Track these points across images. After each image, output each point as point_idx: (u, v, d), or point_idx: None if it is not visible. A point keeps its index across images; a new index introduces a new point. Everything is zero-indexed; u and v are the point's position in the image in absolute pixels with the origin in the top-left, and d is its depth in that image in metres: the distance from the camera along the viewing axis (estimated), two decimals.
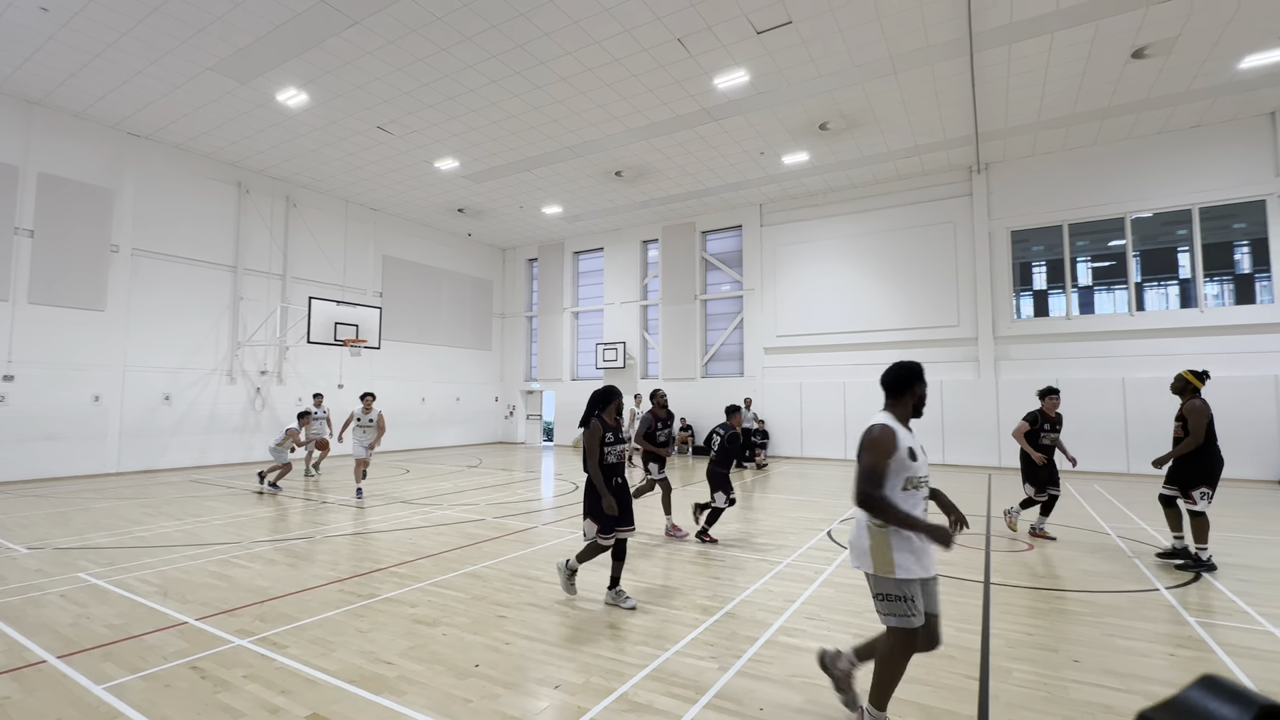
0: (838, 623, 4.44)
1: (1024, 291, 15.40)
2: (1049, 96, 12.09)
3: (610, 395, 4.81)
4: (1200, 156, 13.35)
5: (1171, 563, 6.07)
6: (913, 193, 16.37)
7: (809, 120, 13.10)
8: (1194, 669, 3.67)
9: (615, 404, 4.81)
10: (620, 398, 4.85)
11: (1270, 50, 10.48)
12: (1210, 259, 13.49)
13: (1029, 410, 7.59)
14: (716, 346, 19.45)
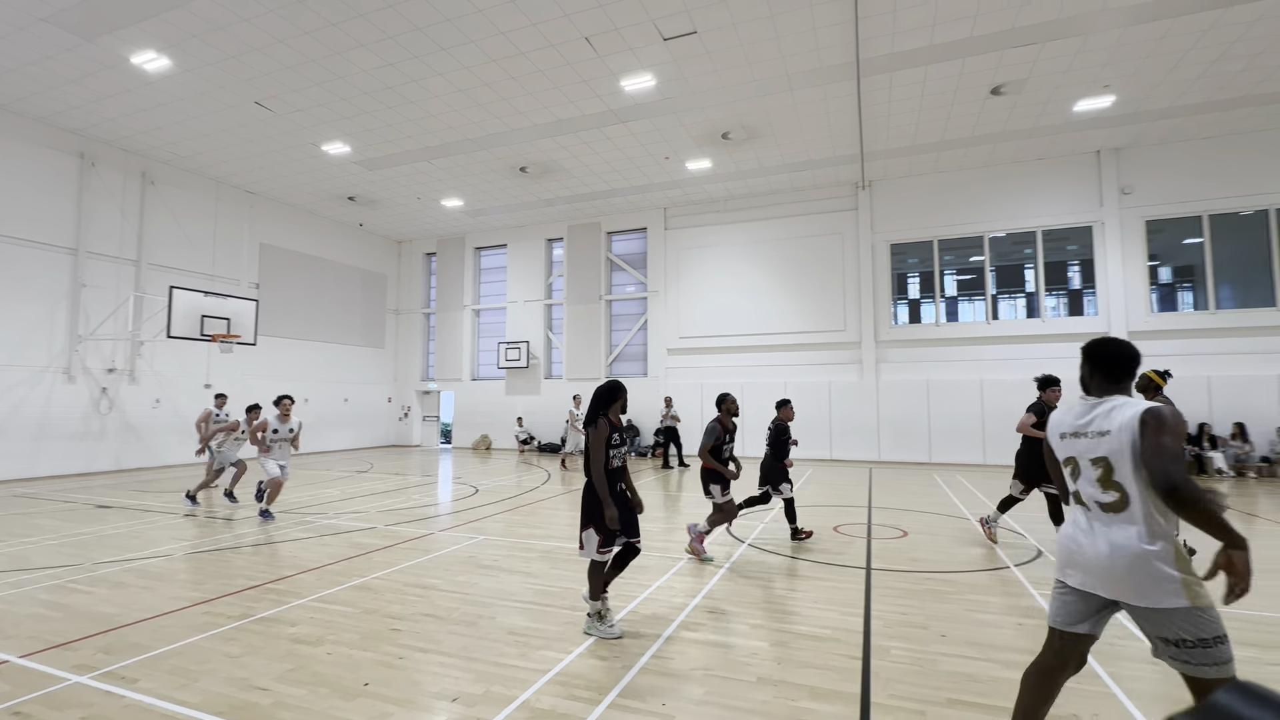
0: (737, 615, 4.61)
1: (901, 300, 16.82)
2: (923, 123, 13.28)
3: (617, 391, 4.33)
4: (1044, 185, 15.24)
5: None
6: (805, 204, 17.37)
7: (712, 129, 13.53)
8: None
9: (621, 401, 4.34)
10: (625, 394, 4.37)
11: (1096, 98, 12.16)
12: (1050, 275, 15.45)
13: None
14: (621, 347, 19.59)
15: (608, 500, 4.13)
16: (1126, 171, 14.57)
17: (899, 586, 5.31)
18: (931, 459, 15.49)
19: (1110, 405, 2.31)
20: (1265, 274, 13.74)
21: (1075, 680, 3.48)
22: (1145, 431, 2.14)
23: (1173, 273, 14.87)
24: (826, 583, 5.43)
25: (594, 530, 4.17)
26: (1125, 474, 2.19)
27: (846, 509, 9.13)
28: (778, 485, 7.03)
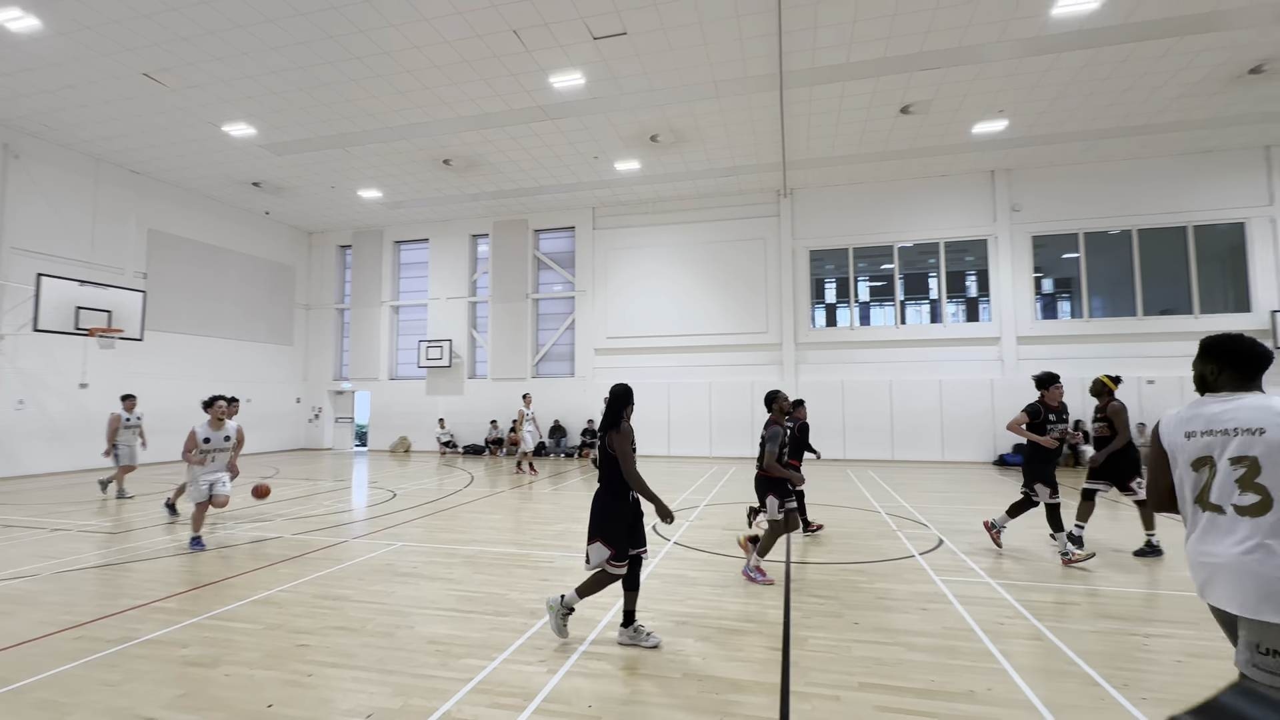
0: (662, 613, 4.65)
1: (819, 304, 17.61)
2: (840, 136, 13.96)
3: (631, 394, 4.14)
4: (946, 200, 16.40)
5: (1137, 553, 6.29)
6: (731, 209, 17.83)
7: (641, 130, 13.63)
8: (939, 619, 4.47)
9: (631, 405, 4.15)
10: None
11: (992, 121, 13.23)
12: (950, 284, 16.66)
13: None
14: (548, 346, 19.37)
15: (655, 496, 3.98)
16: (1017, 191, 15.94)
17: (816, 578, 5.55)
18: (846, 455, 16.31)
19: (1252, 403, 2.16)
20: (1129, 287, 15.44)
21: (969, 657, 3.77)
22: None
23: (1054, 284, 16.41)
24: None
25: (602, 543, 3.94)
26: (1276, 477, 2.05)
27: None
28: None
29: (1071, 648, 3.91)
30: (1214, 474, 2.18)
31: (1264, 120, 13.29)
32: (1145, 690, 3.35)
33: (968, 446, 15.66)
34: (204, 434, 6.86)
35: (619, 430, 3.99)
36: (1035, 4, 9.36)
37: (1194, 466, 2.24)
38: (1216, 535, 2.15)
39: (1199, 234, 15.06)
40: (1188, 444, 2.26)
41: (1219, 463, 2.16)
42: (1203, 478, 2.21)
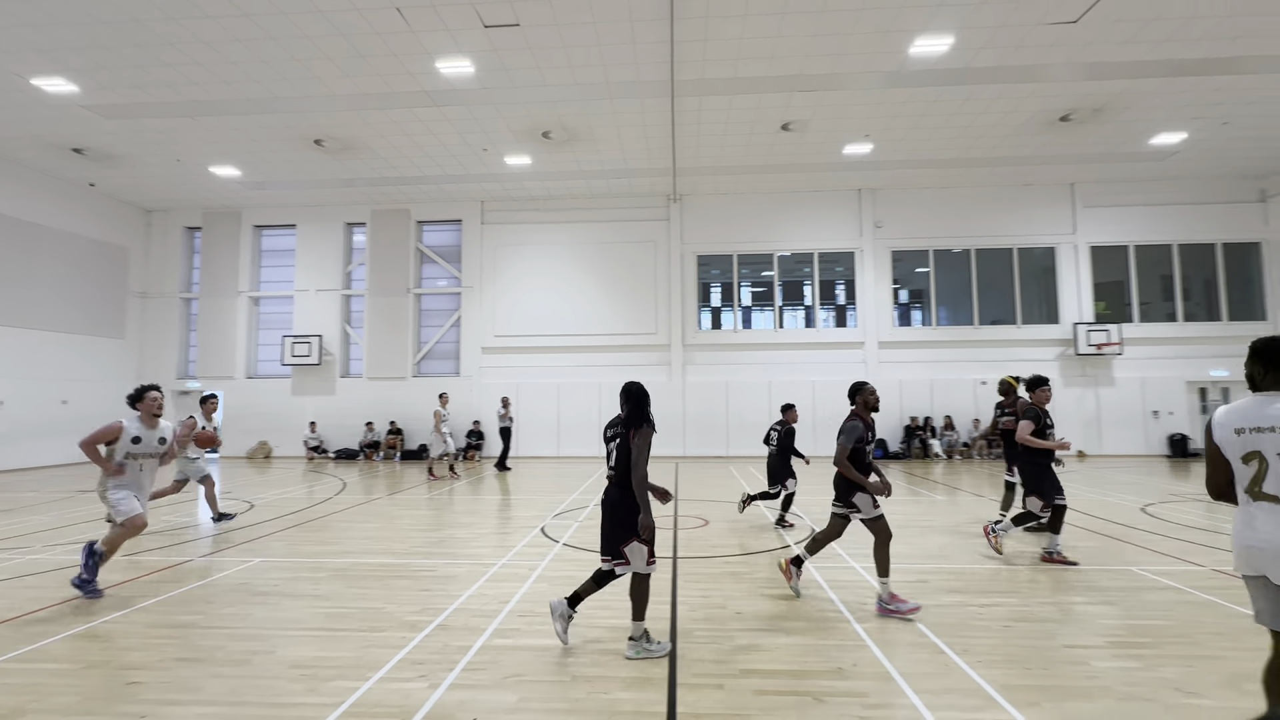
0: (549, 617, 4.58)
1: (705, 307, 18.29)
2: (727, 147, 14.59)
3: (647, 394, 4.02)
4: (821, 213, 17.69)
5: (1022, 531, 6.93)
6: (623, 211, 18.02)
7: (533, 125, 13.39)
8: (812, 604, 4.79)
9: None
10: None
11: (859, 144, 14.46)
12: (823, 292, 18.01)
13: (1027, 406, 6.19)
14: (431, 344, 18.46)
15: (646, 507, 3.81)
16: (880, 209, 17.55)
17: (701, 571, 5.74)
18: (729, 453, 17.07)
19: None
20: (968, 300, 17.54)
21: (838, 637, 4.08)
22: None
23: (909, 295, 18.28)
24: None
25: (638, 542, 3.79)
26: None
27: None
28: (784, 480, 7.87)
29: (924, 622, 4.36)
30: (1265, 466, 2.34)
31: (1070, 161, 15.68)
32: (980, 654, 3.81)
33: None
34: (134, 431, 5.19)
35: (641, 430, 3.86)
36: (897, 41, 10.35)
37: (1244, 460, 2.40)
38: (1276, 521, 2.31)
39: (1022, 255, 17.45)
40: (1237, 440, 2.43)
41: (1269, 456, 2.33)
42: (1252, 470, 2.38)
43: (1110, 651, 3.87)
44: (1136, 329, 16.90)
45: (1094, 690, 3.35)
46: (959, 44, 10.42)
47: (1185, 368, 16.75)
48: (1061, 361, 16.93)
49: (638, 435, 3.84)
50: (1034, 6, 9.46)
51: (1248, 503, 2.42)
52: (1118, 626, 4.31)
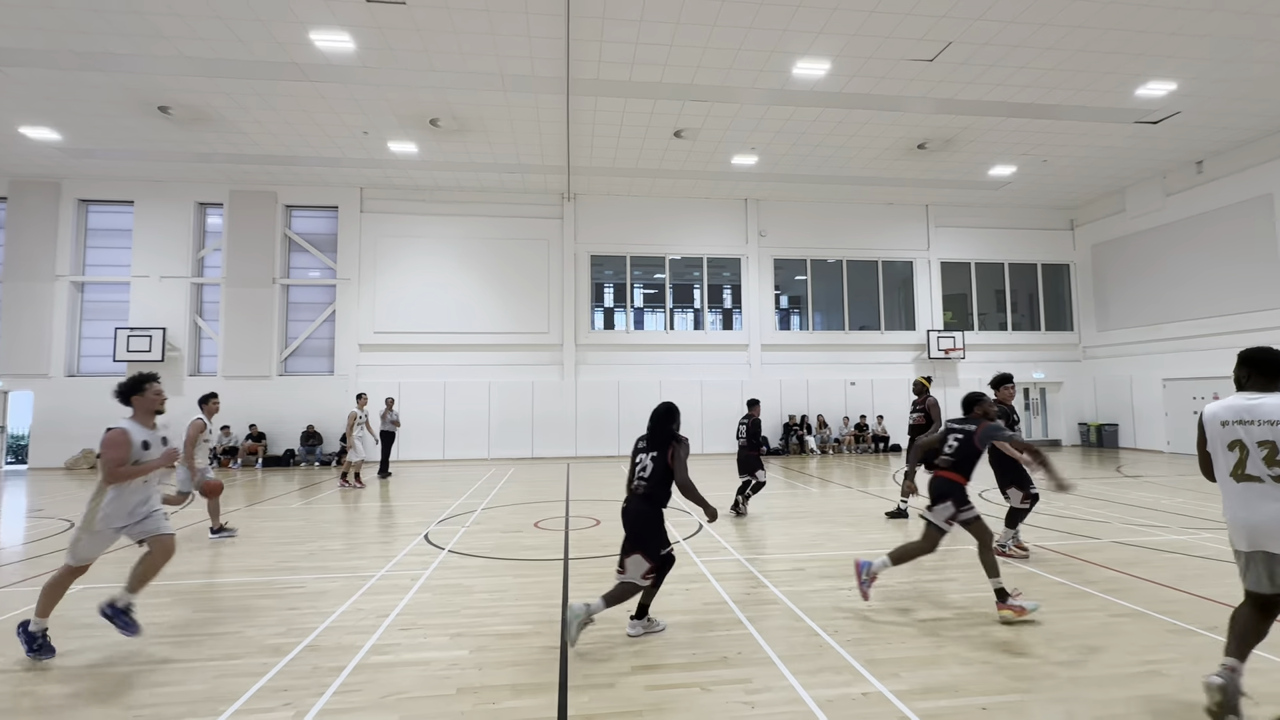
0: (436, 627, 4.37)
1: (598, 307, 18.35)
2: (621, 149, 14.74)
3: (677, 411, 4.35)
4: (710, 220, 18.37)
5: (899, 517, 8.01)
6: (516, 207, 17.63)
7: (420, 112, 12.72)
8: (699, 597, 4.95)
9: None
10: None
11: (746, 156, 15.19)
12: (711, 296, 18.72)
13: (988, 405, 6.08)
14: (301, 340, 16.96)
15: (705, 500, 4.17)
16: (764, 218, 18.55)
17: (593, 572, 5.74)
18: (620, 452, 17.24)
19: (1273, 401, 2.81)
20: (840, 307, 19.02)
21: (723, 627, 4.24)
22: None
23: (788, 301, 19.49)
24: (527, 579, 5.56)
25: (642, 557, 4.03)
26: None
27: (546, 504, 9.52)
28: (754, 471, 8.31)
29: (799, 606, 4.65)
30: (1245, 453, 2.81)
31: (925, 185, 17.50)
32: (849, 633, 4.13)
33: (722, 440, 17.72)
34: (140, 436, 4.04)
35: (681, 442, 4.15)
36: (781, 61, 10.99)
37: (1228, 448, 2.87)
38: (1257, 499, 2.78)
39: (885, 267, 19.20)
40: (1222, 430, 2.90)
41: (1249, 444, 2.80)
42: (1235, 456, 2.85)
43: (956, 623, 4.35)
44: (976, 336, 19.21)
45: (944, 658, 3.75)
46: (835, 70, 11.27)
47: (1013, 370, 19.25)
48: (917, 364, 18.86)
49: (676, 451, 4.13)
50: (898, 43, 10.45)
51: (1231, 484, 2.89)
52: (962, 599, 4.86)
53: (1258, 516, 2.81)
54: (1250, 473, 2.83)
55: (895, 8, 9.51)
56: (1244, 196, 14.84)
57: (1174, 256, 16.56)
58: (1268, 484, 2.78)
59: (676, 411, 4.31)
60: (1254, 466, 2.81)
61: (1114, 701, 3.20)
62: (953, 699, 3.24)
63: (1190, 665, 3.60)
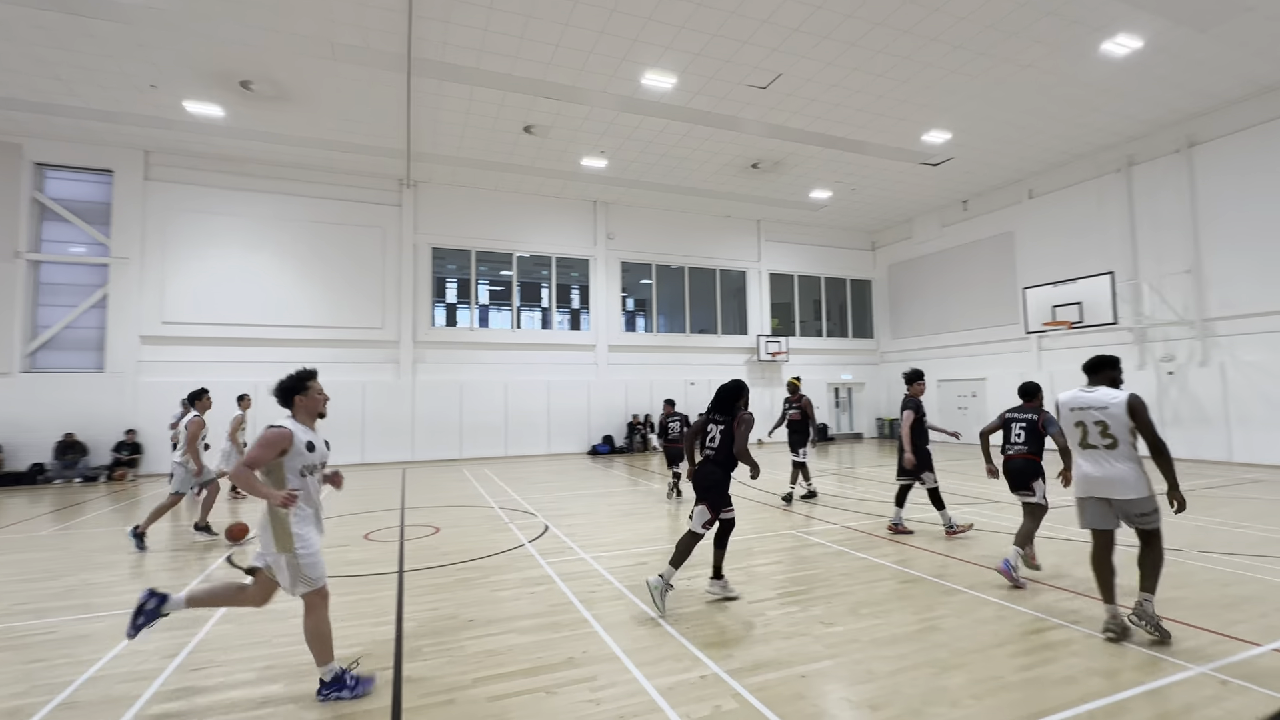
0: (240, 662, 3.81)
1: (439, 303, 17.38)
2: (467, 139, 14.11)
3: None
4: (560, 219, 18.29)
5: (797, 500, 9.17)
6: (346, 190, 16.08)
7: (227, 70, 11.07)
8: (545, 599, 4.89)
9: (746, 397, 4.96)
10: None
11: (595, 159, 15.38)
12: (559, 295, 18.65)
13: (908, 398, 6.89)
14: (58, 329, 13.88)
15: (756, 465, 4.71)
16: (612, 221, 18.91)
17: (431, 583, 5.41)
18: (462, 455, 16.49)
19: (1101, 391, 4.06)
20: (682, 311, 20.02)
21: (569, 627, 4.24)
22: (1136, 413, 3.86)
23: (634, 303, 20.08)
24: (356, 596, 5.08)
25: (706, 508, 4.70)
26: (1117, 430, 3.91)
27: (378, 514, 8.79)
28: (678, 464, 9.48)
29: (643, 600, 4.80)
30: (1086, 430, 4.03)
31: (758, 202, 19.08)
32: (687, 622, 4.35)
33: (569, 440, 17.75)
34: (305, 437, 3.47)
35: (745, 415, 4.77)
36: (631, 70, 11.29)
37: (1075, 426, 4.10)
38: (1096, 460, 3.99)
39: (722, 276, 20.59)
40: (1070, 414, 4.13)
41: (1088, 424, 4.01)
42: (1080, 432, 4.07)
43: (779, 601, 4.78)
44: (798, 341, 21.36)
45: (769, 635, 4.09)
46: (681, 85, 11.83)
47: (826, 372, 21.75)
48: (748, 366, 20.48)
49: (741, 421, 4.74)
50: (737, 68, 11.26)
51: (1079, 452, 4.11)
52: (784, 580, 5.35)
53: (1094, 473, 3.98)
54: (1090, 443, 4.03)
55: (735, 35, 10.24)
56: (995, 232, 18.24)
57: (947, 278, 19.86)
58: (1100, 450, 3.98)
59: (744, 389, 4.94)
60: (1093, 439, 4.01)
61: (904, 655, 3.73)
62: (777, 671, 3.55)
63: (957, 619, 4.31)
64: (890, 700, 3.20)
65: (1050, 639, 3.93)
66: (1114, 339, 15.06)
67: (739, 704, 3.18)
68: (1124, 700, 3.15)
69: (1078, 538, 6.33)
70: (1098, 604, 4.63)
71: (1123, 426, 3.90)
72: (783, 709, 3.13)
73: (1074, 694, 3.22)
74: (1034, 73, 11.52)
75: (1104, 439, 3.95)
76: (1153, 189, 14.37)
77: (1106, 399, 3.98)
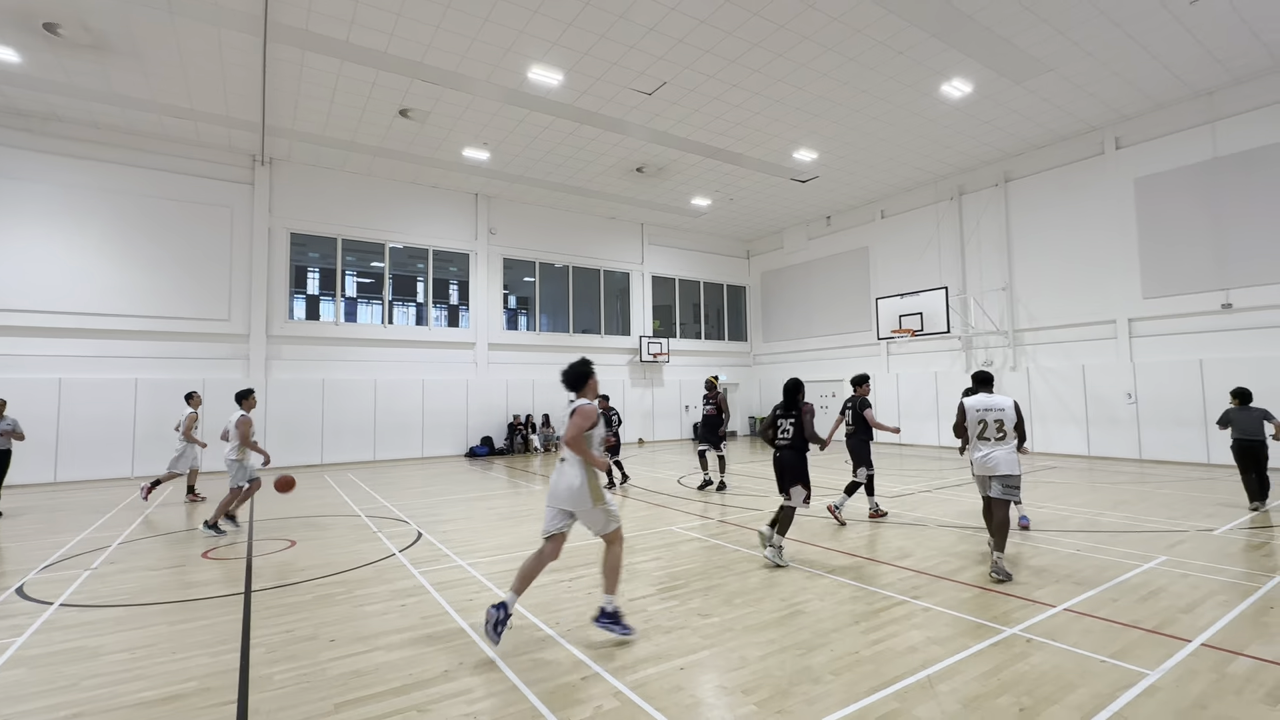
0: (36, 712, 3.20)
1: (299, 294, 15.86)
2: (335, 117, 13.00)
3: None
4: (438, 210, 17.42)
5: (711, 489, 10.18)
6: (185, 160, 14.16)
7: (25, 9, 9.31)
8: (418, 611, 4.62)
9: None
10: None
11: (478, 150, 14.83)
12: (436, 291, 17.77)
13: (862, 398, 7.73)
14: None
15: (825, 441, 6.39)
16: (494, 216, 18.34)
17: (285, 602, 4.91)
18: (324, 460, 15.17)
19: (996, 396, 5.51)
20: (565, 310, 19.89)
21: (444, 639, 4.03)
22: (1019, 412, 5.44)
23: (517, 301, 19.64)
24: (190, 624, 4.47)
25: (802, 487, 5.78)
26: (1008, 426, 5.35)
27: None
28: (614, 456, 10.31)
29: (522, 605, 4.68)
30: (987, 425, 5.39)
31: (643, 206, 19.44)
32: (568, 624, 4.32)
33: (445, 442, 16.95)
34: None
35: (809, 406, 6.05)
36: (516, 62, 11.02)
37: (978, 423, 5.44)
38: (989, 449, 5.35)
39: (606, 276, 20.74)
40: (975, 413, 5.46)
41: (989, 421, 5.38)
42: (981, 427, 5.42)
43: (659, 597, 4.89)
44: (678, 343, 22.05)
45: (650, 631, 4.17)
46: (567, 83, 11.75)
47: (704, 373, 22.65)
48: (630, 366, 20.80)
49: (808, 411, 6.01)
50: (625, 72, 11.39)
51: (978, 441, 5.44)
52: (663, 575, 5.49)
53: (989, 459, 5.34)
54: (987, 435, 5.41)
55: (622, 39, 10.35)
56: (853, 246, 20.04)
57: (812, 286, 21.50)
58: (993, 441, 5.38)
59: (803, 385, 6.24)
60: (990, 433, 5.40)
61: (773, 640, 3.96)
62: (657, 665, 3.62)
63: (820, 602, 4.67)
64: (761, 684, 3.39)
65: (896, 614, 4.38)
66: (947, 346, 17.17)
67: (620, 702, 3.21)
68: (955, 663, 3.58)
69: (925, 524, 7.10)
70: (936, 580, 5.23)
71: (1011, 423, 5.36)
72: (662, 702, 3.20)
73: (916, 661, 3.61)
74: (887, 106, 12.81)
75: (999, 432, 5.36)
76: (978, 216, 16.56)
77: (1003, 403, 5.43)
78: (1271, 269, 11.79)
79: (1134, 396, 13.45)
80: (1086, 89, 12.22)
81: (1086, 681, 3.33)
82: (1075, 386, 14.45)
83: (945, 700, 3.16)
